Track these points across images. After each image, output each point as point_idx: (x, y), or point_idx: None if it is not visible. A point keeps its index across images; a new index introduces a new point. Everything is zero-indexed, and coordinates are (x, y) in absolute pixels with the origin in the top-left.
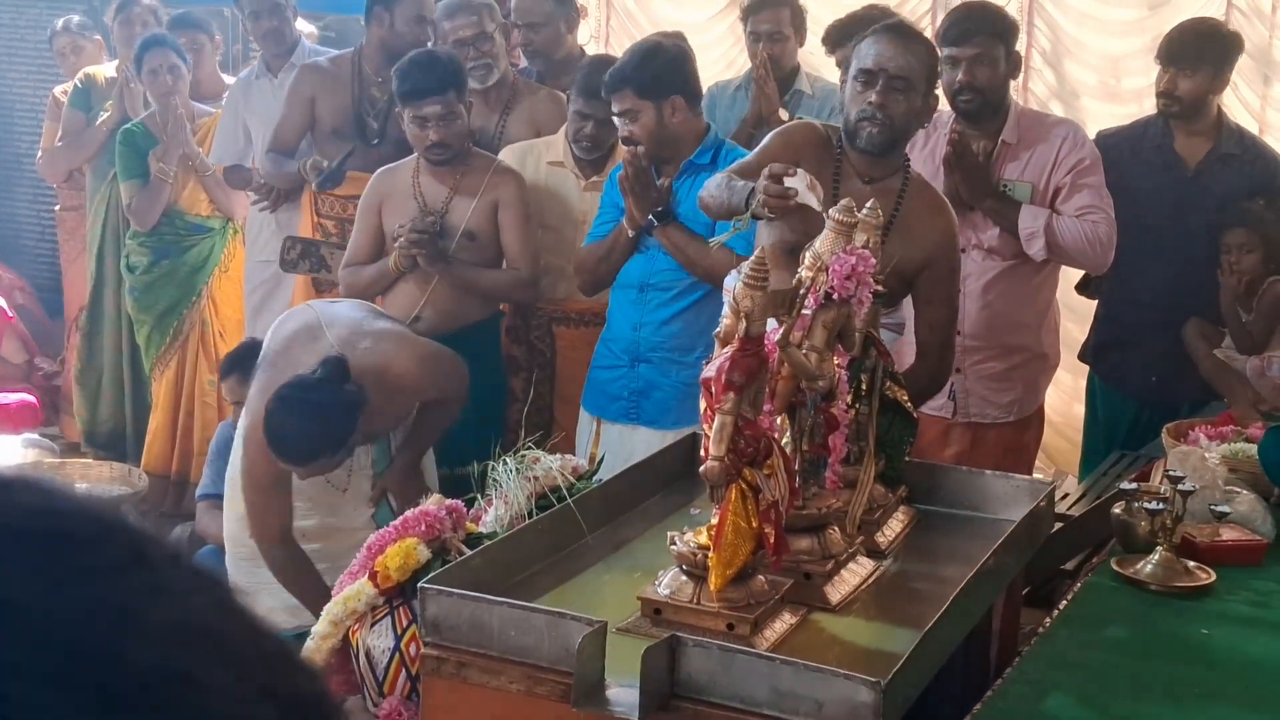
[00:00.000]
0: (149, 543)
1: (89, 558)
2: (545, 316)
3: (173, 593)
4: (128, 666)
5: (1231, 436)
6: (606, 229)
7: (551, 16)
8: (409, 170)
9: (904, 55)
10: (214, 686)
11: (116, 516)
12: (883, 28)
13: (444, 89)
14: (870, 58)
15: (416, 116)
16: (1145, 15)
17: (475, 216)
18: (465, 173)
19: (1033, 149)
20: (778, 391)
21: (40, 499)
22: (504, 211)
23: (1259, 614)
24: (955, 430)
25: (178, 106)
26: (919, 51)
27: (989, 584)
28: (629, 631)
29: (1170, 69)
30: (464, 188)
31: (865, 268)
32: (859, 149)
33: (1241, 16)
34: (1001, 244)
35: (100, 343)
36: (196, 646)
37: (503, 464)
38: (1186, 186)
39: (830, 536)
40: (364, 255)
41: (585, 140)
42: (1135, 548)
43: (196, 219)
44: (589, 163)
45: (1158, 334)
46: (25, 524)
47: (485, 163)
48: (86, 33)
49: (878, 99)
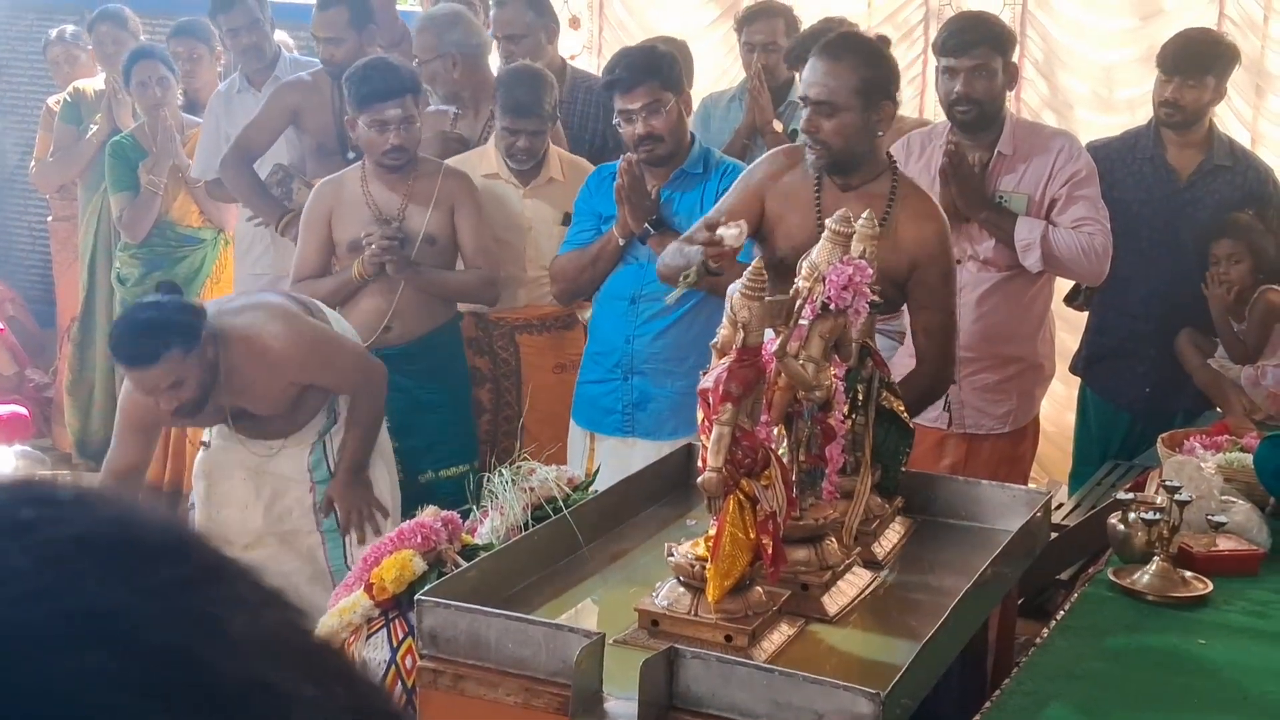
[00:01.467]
0: (222, 557)
1: (172, 569)
2: (507, 326)
3: (250, 606)
4: (219, 677)
5: (1227, 446)
6: (585, 237)
7: (531, 27)
8: (355, 179)
9: (827, 77)
10: (300, 699)
11: (190, 530)
12: (817, 48)
13: (402, 93)
14: (803, 83)
15: (376, 120)
16: (1138, 26)
17: (434, 220)
18: (417, 178)
19: (1028, 160)
20: (774, 402)
21: (120, 511)
22: (459, 213)
23: (1256, 624)
24: (950, 441)
25: (167, 118)
26: (844, 71)
27: (986, 594)
28: (627, 643)
29: (1174, 78)
30: (417, 193)
31: (862, 278)
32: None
33: (1234, 28)
34: (997, 255)
35: (92, 353)
36: (281, 659)
37: (499, 475)
38: (1178, 197)
39: (827, 547)
40: (312, 268)
41: (520, 154)
42: (1132, 558)
43: (187, 230)
44: (522, 173)
45: (1150, 345)
46: (108, 535)
47: (433, 167)
48: (81, 43)
49: (805, 125)
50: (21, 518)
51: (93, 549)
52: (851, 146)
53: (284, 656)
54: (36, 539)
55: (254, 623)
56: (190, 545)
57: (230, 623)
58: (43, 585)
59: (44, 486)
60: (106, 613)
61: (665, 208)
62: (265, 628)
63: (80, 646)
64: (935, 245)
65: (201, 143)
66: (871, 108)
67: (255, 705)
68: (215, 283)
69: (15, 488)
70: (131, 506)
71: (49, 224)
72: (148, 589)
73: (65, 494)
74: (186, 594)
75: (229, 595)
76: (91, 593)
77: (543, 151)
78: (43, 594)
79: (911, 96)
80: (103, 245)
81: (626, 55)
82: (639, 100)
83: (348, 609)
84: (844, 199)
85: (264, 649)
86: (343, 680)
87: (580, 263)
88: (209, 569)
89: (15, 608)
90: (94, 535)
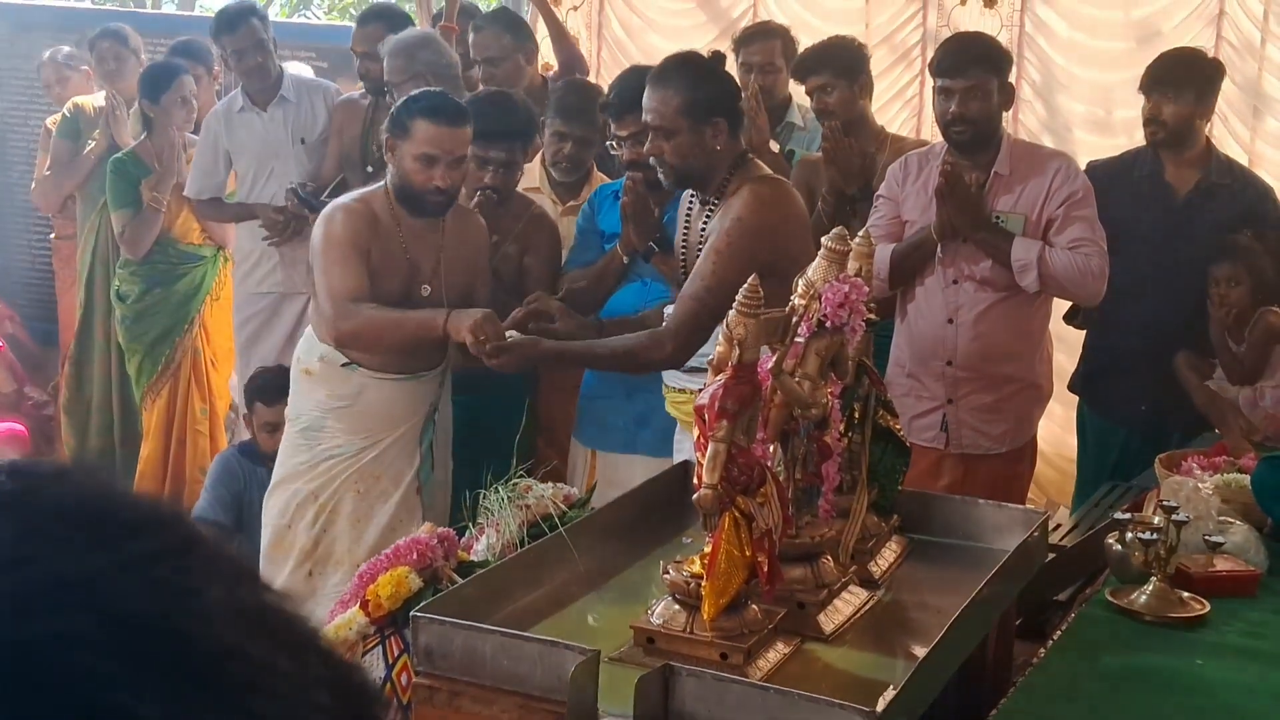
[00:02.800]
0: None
1: (149, 541)
2: None
3: (225, 578)
4: (196, 645)
5: (1224, 467)
6: (589, 256)
7: (509, 50)
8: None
9: (654, 102)
10: (275, 669)
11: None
12: (649, 76)
13: (511, 137)
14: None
15: (478, 156)
16: (1134, 48)
17: (504, 256)
18: (501, 215)
19: (1025, 181)
20: (771, 419)
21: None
22: (530, 253)
23: (1253, 645)
24: (947, 461)
25: (176, 137)
26: (665, 94)
27: (983, 614)
28: (622, 661)
29: (1153, 95)
30: (502, 229)
31: (858, 296)
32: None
33: (1231, 50)
34: (994, 275)
35: (90, 371)
36: (255, 631)
37: (494, 492)
38: (1176, 216)
39: (823, 566)
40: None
41: (564, 161)
42: (1129, 578)
43: (189, 247)
44: (565, 186)
45: (1147, 363)
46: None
47: (523, 205)
48: (73, 63)
49: (646, 149)
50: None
51: (73, 520)
52: (689, 165)
53: (258, 628)
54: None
55: (229, 594)
56: (167, 520)
57: (206, 594)
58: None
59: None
60: (86, 580)
61: (669, 227)
62: (240, 600)
63: (61, 612)
64: (728, 221)
65: (196, 161)
66: (700, 127)
67: (230, 673)
68: (215, 300)
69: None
70: (110, 483)
71: (51, 242)
72: (126, 559)
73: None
74: (164, 564)
75: (205, 568)
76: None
77: (586, 167)
78: (24, 561)
79: (908, 118)
80: (100, 263)
81: (624, 80)
82: (628, 128)
83: (343, 625)
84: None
85: (239, 619)
86: (316, 653)
87: (584, 282)
88: (185, 542)
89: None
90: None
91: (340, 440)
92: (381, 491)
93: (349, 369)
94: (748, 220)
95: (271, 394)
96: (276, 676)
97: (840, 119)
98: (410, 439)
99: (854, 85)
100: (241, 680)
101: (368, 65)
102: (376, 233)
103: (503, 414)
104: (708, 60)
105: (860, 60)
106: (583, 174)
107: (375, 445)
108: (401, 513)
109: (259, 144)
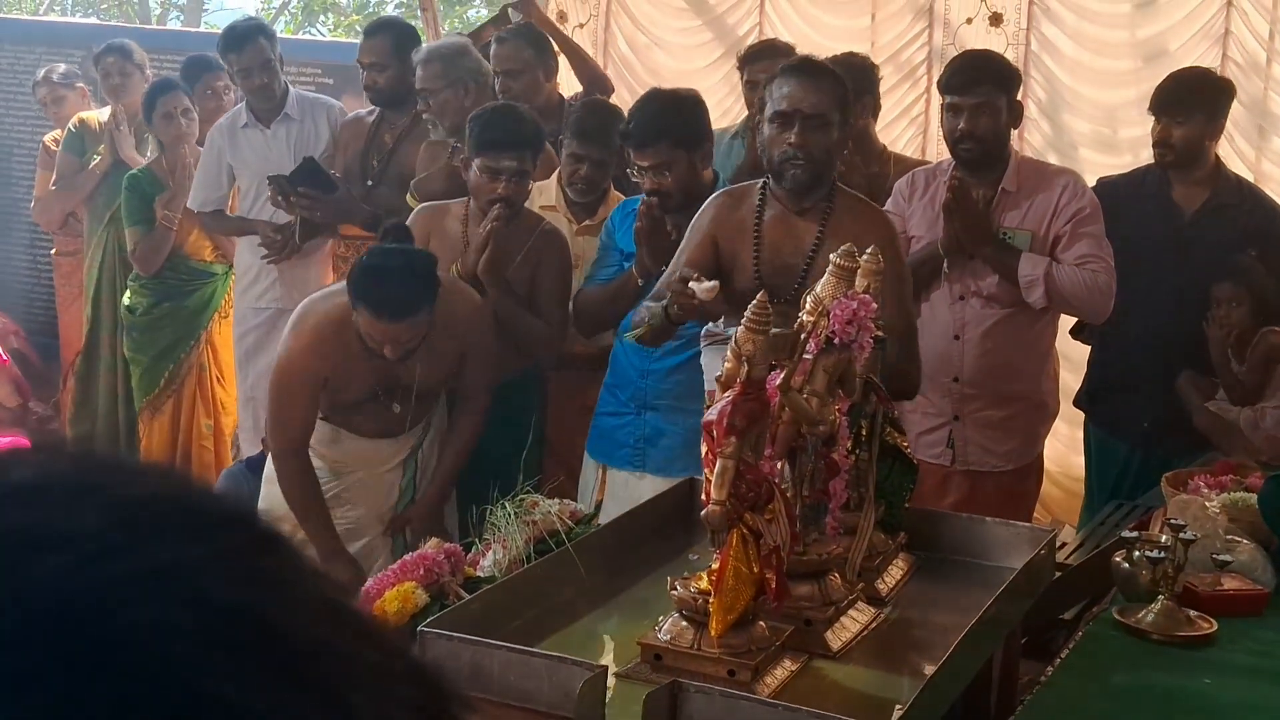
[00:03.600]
0: (278, 529)
1: (237, 533)
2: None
3: (305, 573)
4: (288, 637)
5: (1231, 485)
6: (610, 272)
7: (530, 64)
8: (458, 216)
9: (815, 94)
10: (364, 663)
11: (247, 502)
12: (790, 68)
13: (523, 146)
14: (784, 100)
15: (489, 167)
16: (1140, 67)
17: (516, 272)
18: (515, 229)
19: (1033, 197)
20: (778, 436)
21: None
22: (541, 270)
23: (1260, 663)
24: (954, 478)
25: (187, 154)
26: (827, 87)
27: (990, 632)
28: (629, 677)
29: (1163, 118)
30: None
31: (866, 313)
32: (786, 188)
33: (1237, 69)
34: (1001, 291)
35: (96, 387)
36: (343, 625)
37: (501, 508)
38: (1183, 235)
39: (831, 583)
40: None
41: (580, 182)
42: (1137, 596)
43: (200, 265)
44: (582, 206)
45: (1152, 380)
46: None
47: (533, 221)
48: (69, 82)
49: (797, 140)
50: (90, 481)
51: (161, 511)
52: (830, 163)
53: (344, 622)
54: (107, 500)
55: (317, 589)
56: (249, 516)
57: (296, 586)
58: (115, 544)
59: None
60: (178, 571)
61: None
62: (326, 595)
63: (157, 602)
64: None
65: (199, 174)
66: (845, 124)
67: (325, 666)
68: (223, 317)
69: (83, 455)
70: (189, 477)
71: (53, 258)
72: (216, 550)
73: (131, 462)
74: (256, 556)
75: (291, 561)
76: (162, 551)
77: (603, 188)
78: (115, 552)
79: (913, 136)
80: (108, 279)
81: (643, 109)
82: (648, 159)
83: None
84: (793, 224)
85: (329, 614)
86: (396, 648)
87: (601, 300)
88: (269, 537)
89: (90, 565)
90: (161, 498)
91: (319, 464)
92: (355, 519)
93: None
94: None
95: None
96: (366, 669)
97: None
98: (393, 474)
99: (857, 103)
100: (336, 673)
101: (374, 76)
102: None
103: (510, 430)
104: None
105: (864, 79)
106: (599, 194)
107: (351, 474)
108: (377, 543)
109: (261, 161)
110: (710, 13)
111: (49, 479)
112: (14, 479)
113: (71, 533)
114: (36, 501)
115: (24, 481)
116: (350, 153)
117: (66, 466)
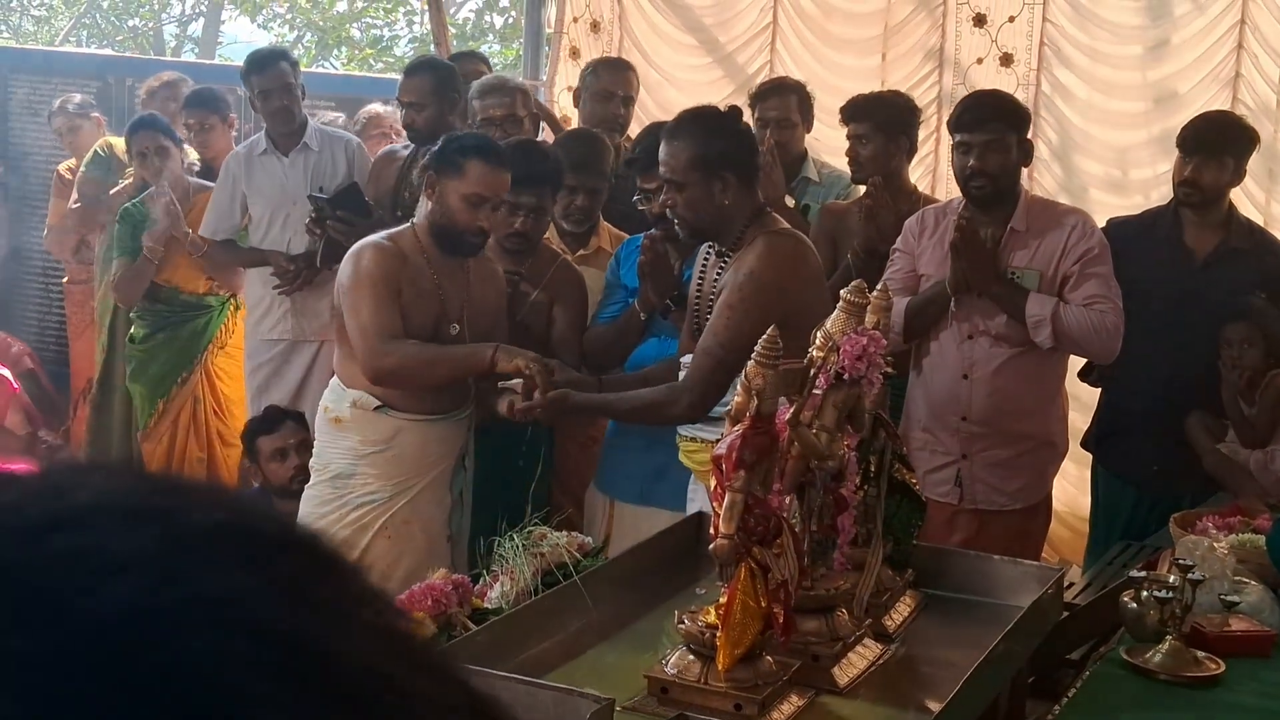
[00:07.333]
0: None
1: (295, 560)
2: None
3: (366, 599)
4: (346, 667)
5: (1239, 527)
6: (615, 309)
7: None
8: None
9: (663, 154)
10: (422, 695)
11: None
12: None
13: (541, 182)
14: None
15: (508, 202)
16: (1151, 109)
17: (532, 308)
18: (533, 263)
19: (1041, 237)
20: (787, 471)
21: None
22: (560, 306)
23: (1269, 705)
24: (961, 517)
25: (165, 191)
26: (676, 147)
27: (997, 670)
28: (636, 710)
29: (1195, 158)
30: (530, 277)
31: (876, 349)
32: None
33: (1247, 112)
34: (1009, 331)
35: (109, 417)
36: (402, 655)
37: (509, 540)
38: (1194, 278)
39: (838, 618)
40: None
41: (576, 213)
42: (1144, 636)
43: (192, 297)
44: (574, 236)
45: (1160, 423)
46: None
47: (550, 256)
48: (84, 111)
49: (667, 201)
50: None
51: (219, 537)
52: (701, 218)
53: (404, 653)
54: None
55: (375, 617)
56: (308, 539)
57: (354, 615)
58: (173, 570)
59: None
60: (236, 598)
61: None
62: (384, 623)
63: (212, 629)
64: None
65: (213, 203)
66: (710, 179)
67: (382, 696)
68: (220, 348)
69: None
70: (245, 500)
71: (65, 287)
72: (274, 577)
73: (190, 483)
74: (313, 584)
75: (349, 588)
76: (221, 578)
77: (596, 217)
78: (174, 578)
79: (922, 175)
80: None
81: (648, 136)
82: (653, 183)
83: None
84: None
85: (386, 643)
86: (454, 679)
87: (607, 338)
88: (329, 563)
89: (149, 593)
90: (219, 524)
91: (373, 487)
92: (410, 537)
93: (382, 413)
94: (760, 275)
95: (268, 425)
96: (421, 701)
97: (867, 173)
98: (441, 484)
99: (892, 142)
100: (392, 704)
101: (412, 115)
102: (407, 270)
103: (519, 462)
104: (721, 114)
105: (905, 120)
106: (592, 224)
107: (408, 490)
108: (429, 559)
109: (277, 189)
110: (721, 50)
111: (108, 501)
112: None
113: (129, 558)
114: (95, 525)
115: (83, 504)
116: (382, 186)
117: (125, 488)
